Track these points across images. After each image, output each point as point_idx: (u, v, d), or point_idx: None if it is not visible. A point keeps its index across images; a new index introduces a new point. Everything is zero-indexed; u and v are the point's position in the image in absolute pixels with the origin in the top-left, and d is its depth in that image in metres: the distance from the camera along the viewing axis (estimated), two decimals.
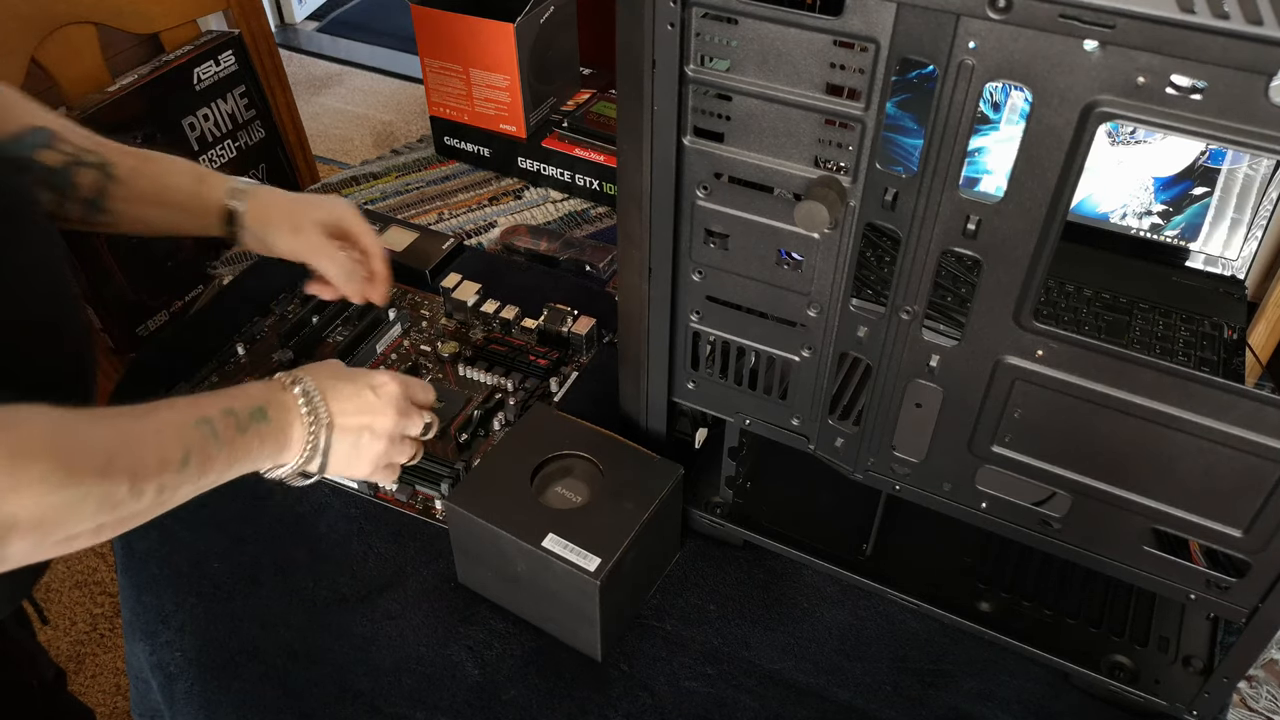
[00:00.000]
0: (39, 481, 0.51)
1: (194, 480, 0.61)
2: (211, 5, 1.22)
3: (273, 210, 0.82)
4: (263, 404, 0.66)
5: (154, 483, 0.58)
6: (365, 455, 0.72)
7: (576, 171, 1.20)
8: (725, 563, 0.79)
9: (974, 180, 1.00)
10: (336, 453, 0.71)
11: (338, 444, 0.71)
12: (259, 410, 0.66)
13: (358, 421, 0.71)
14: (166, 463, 0.59)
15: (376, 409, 0.72)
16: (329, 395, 0.70)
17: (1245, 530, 0.57)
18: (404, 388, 0.75)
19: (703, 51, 0.56)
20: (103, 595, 1.53)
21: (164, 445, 0.59)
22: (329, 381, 0.71)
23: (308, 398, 0.69)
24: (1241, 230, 0.95)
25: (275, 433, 0.67)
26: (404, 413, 0.74)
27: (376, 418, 0.72)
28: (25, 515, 0.51)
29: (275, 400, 0.67)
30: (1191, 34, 0.42)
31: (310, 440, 0.69)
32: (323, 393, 0.70)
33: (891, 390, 0.63)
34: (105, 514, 0.55)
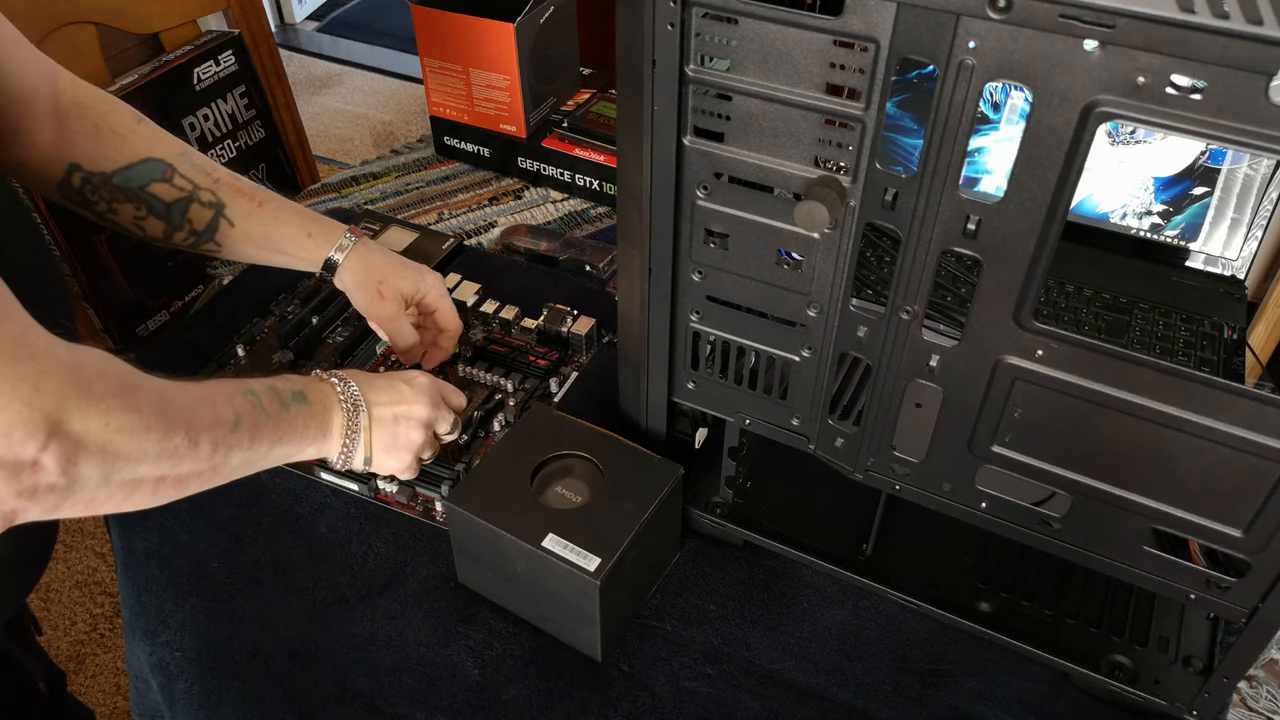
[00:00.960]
0: (100, 402, 0.51)
1: (245, 446, 0.61)
2: (211, 5, 1.23)
3: (365, 271, 0.84)
4: (302, 389, 0.67)
5: (208, 437, 0.58)
6: (404, 444, 0.73)
7: (576, 171, 1.20)
8: (725, 563, 0.79)
9: (974, 180, 1.00)
10: (378, 441, 0.71)
11: (378, 433, 0.71)
12: (299, 393, 0.67)
13: (394, 411, 0.72)
14: (220, 421, 0.59)
15: (411, 399, 0.73)
16: (365, 387, 0.71)
17: (1245, 530, 0.57)
18: (435, 383, 0.76)
19: (703, 51, 0.56)
20: (103, 595, 1.53)
21: (215, 405, 0.60)
22: (363, 377, 0.72)
23: (345, 386, 0.70)
24: (1241, 230, 0.95)
25: (317, 415, 0.67)
26: (436, 405, 0.75)
27: (413, 406, 0.73)
28: (92, 436, 0.51)
29: (314, 387, 0.69)
30: (1191, 34, 0.42)
31: (351, 429, 0.69)
32: (359, 385, 0.71)
33: (891, 390, 0.63)
34: (165, 460, 0.56)
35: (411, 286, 0.85)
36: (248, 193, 0.81)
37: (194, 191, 0.78)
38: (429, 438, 0.75)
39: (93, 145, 0.74)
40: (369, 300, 0.84)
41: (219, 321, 1.00)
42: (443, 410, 0.76)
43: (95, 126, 0.74)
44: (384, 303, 0.84)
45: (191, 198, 0.78)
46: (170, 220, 0.78)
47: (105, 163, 0.74)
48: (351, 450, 0.70)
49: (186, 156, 0.78)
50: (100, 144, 0.74)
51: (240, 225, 0.80)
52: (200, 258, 1.17)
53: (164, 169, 0.76)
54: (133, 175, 0.75)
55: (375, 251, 0.85)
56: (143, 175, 0.75)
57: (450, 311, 0.88)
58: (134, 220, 0.77)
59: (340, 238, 0.84)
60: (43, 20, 1.05)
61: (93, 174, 0.74)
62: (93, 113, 0.75)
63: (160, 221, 0.77)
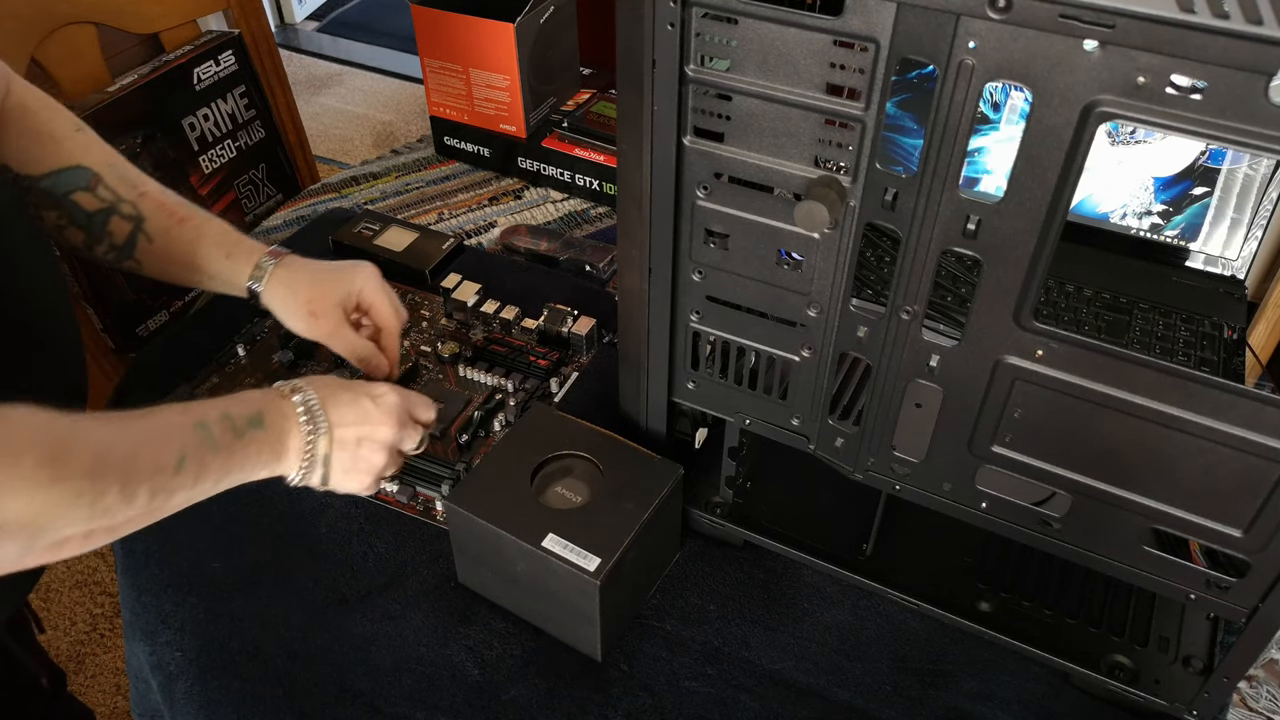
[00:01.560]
0: (27, 479, 0.50)
1: (188, 486, 0.60)
2: (211, 5, 1.22)
3: (290, 295, 0.80)
4: (260, 410, 0.65)
5: (146, 486, 0.57)
6: (364, 466, 0.71)
7: (576, 171, 1.20)
8: (725, 563, 0.79)
9: (974, 180, 1.00)
10: (336, 463, 0.70)
11: (337, 454, 0.69)
12: (256, 416, 0.65)
13: (356, 433, 0.70)
14: (160, 466, 0.58)
15: (375, 419, 0.70)
16: (328, 404, 0.69)
17: (1245, 530, 0.57)
18: (404, 400, 0.73)
19: (703, 51, 0.56)
20: (103, 595, 1.53)
21: (158, 448, 0.58)
22: (328, 390, 0.70)
23: (306, 406, 0.68)
24: (1241, 230, 0.95)
25: (272, 440, 0.65)
26: (403, 424, 0.72)
27: (376, 428, 0.70)
28: (13, 515, 0.50)
29: (272, 407, 0.66)
30: (1191, 34, 0.42)
31: (308, 450, 0.68)
32: (322, 401, 0.68)
33: (891, 390, 0.63)
34: (96, 519, 0.54)
35: (343, 292, 0.81)
36: (170, 208, 0.78)
37: (116, 203, 0.76)
38: (392, 456, 0.73)
39: (26, 147, 0.72)
40: (304, 323, 0.80)
41: (219, 321, 1.00)
42: (409, 429, 0.73)
43: (34, 130, 0.73)
44: (320, 321, 0.80)
45: (113, 209, 0.75)
46: (90, 231, 0.75)
47: (35, 166, 0.73)
48: (309, 472, 0.68)
49: (116, 168, 0.76)
50: (34, 147, 0.73)
51: (159, 241, 0.77)
52: None
53: (89, 177, 0.74)
54: (59, 181, 0.73)
55: (296, 270, 0.81)
56: (68, 182, 0.74)
57: (386, 309, 0.82)
58: (57, 228, 0.75)
59: (259, 258, 0.80)
60: (43, 20, 1.05)
61: (21, 176, 0.72)
62: (35, 117, 0.74)
63: (80, 231, 0.75)
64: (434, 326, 0.99)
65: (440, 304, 1.01)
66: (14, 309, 0.67)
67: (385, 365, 0.83)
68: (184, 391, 0.91)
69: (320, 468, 0.69)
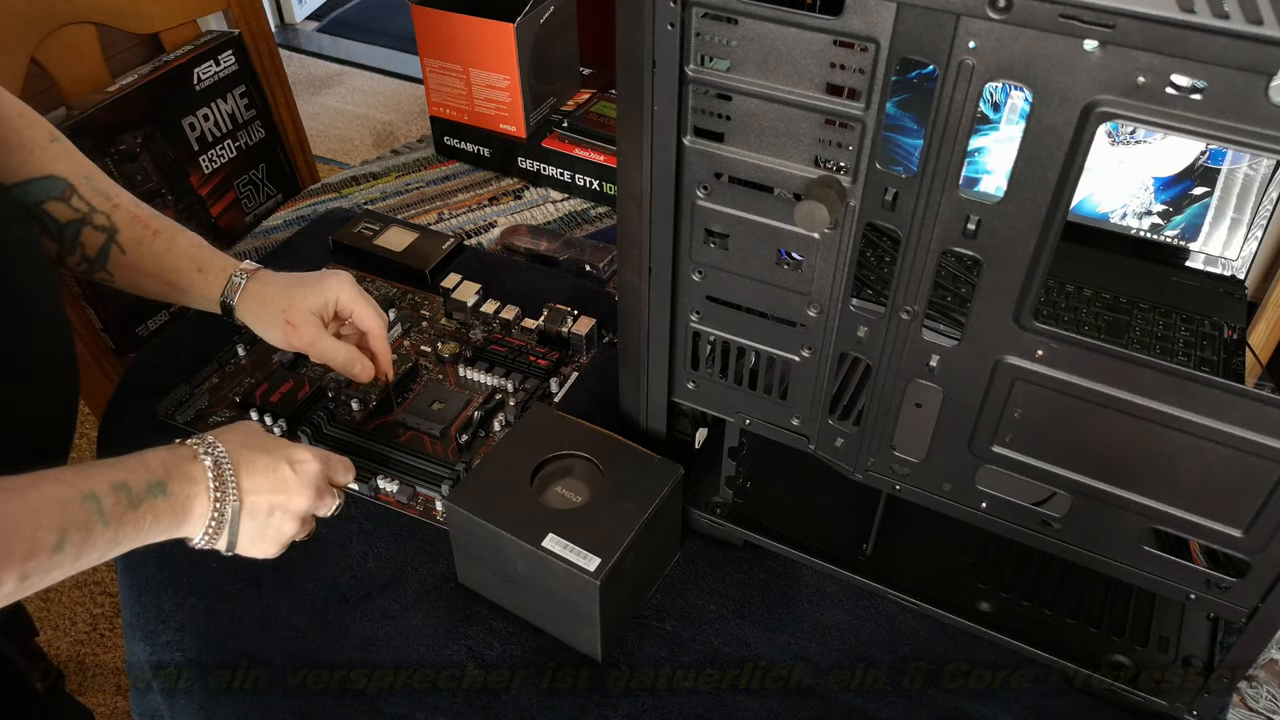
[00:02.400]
0: None
1: (69, 564, 0.56)
2: (211, 5, 1.22)
3: (264, 307, 0.79)
4: (163, 477, 0.61)
5: (18, 570, 0.53)
6: (272, 536, 0.67)
7: (576, 171, 1.20)
8: (725, 563, 0.79)
9: (974, 180, 1.00)
10: (244, 531, 0.66)
11: (247, 524, 0.65)
12: (158, 484, 0.60)
13: (270, 501, 0.66)
14: (38, 547, 0.53)
15: (293, 488, 0.67)
16: (242, 468, 0.65)
17: (1245, 530, 0.57)
18: (325, 466, 0.70)
19: (703, 51, 0.56)
20: (103, 595, 1.53)
21: (39, 527, 0.54)
22: (245, 453, 0.65)
23: (218, 469, 0.64)
24: (1241, 230, 0.95)
25: (174, 508, 0.61)
26: (320, 493, 0.69)
27: (292, 497, 0.67)
28: None
29: (180, 471, 0.62)
30: (1191, 34, 0.42)
31: (215, 517, 0.63)
32: (235, 464, 0.64)
33: (891, 390, 0.63)
34: None
35: (319, 301, 0.79)
36: (144, 220, 0.77)
37: (89, 214, 0.75)
38: (304, 524, 0.69)
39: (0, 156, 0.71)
40: (281, 334, 0.79)
41: (219, 321, 0.99)
42: (326, 496, 0.70)
43: (6, 138, 0.72)
44: (297, 330, 0.79)
45: (85, 220, 0.75)
46: (63, 242, 0.75)
47: (6, 174, 0.72)
48: (214, 538, 0.64)
49: (91, 181, 0.75)
50: (7, 156, 0.72)
51: (131, 253, 0.77)
52: None
53: (63, 188, 0.73)
54: (31, 190, 0.72)
55: (269, 283, 0.80)
56: (40, 191, 0.73)
57: (368, 311, 0.81)
58: None
59: (231, 275, 0.80)
60: (43, 20, 1.05)
61: None
62: (9, 125, 0.72)
63: (53, 242, 0.74)
64: (434, 326, 0.99)
65: (440, 304, 1.01)
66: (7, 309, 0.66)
67: (370, 370, 0.82)
68: (184, 391, 0.91)
69: (227, 535, 0.65)
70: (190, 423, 0.89)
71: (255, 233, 1.20)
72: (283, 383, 0.90)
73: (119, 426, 0.90)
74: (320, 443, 0.85)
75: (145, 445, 0.87)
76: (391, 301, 1.01)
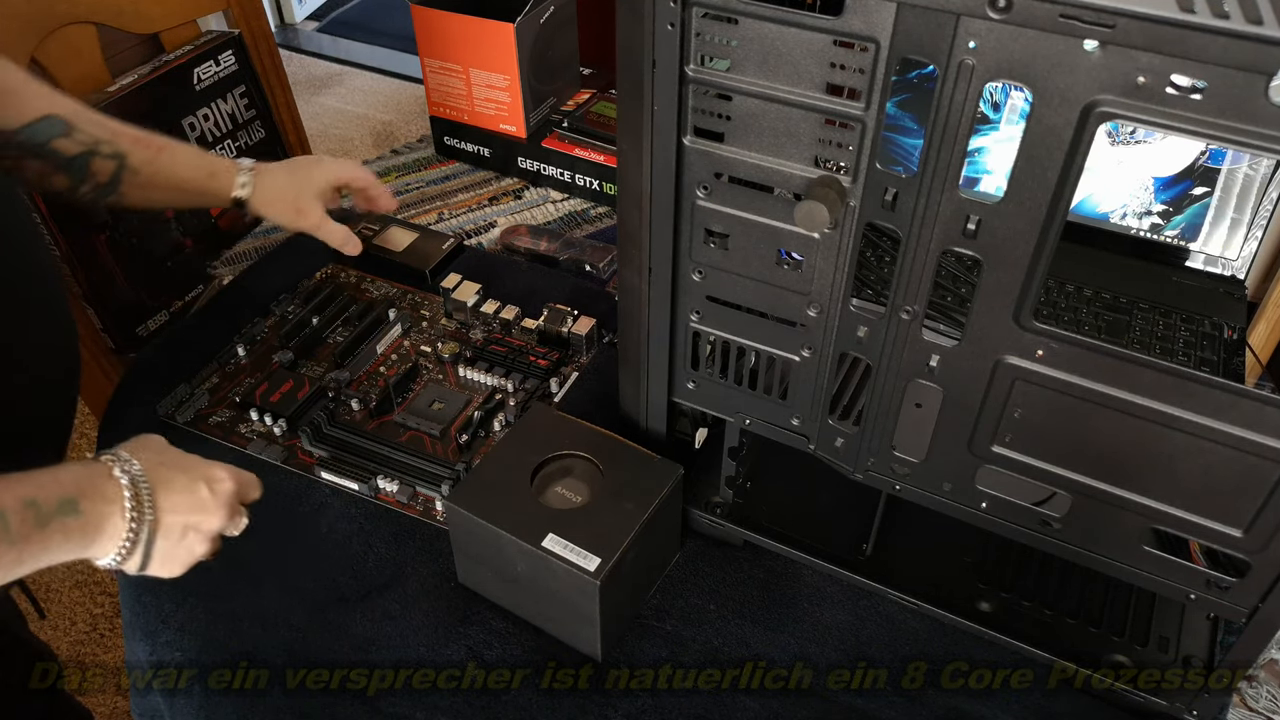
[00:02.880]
0: None
1: None
2: (211, 5, 1.22)
3: (274, 196, 0.90)
4: (75, 495, 0.59)
5: None
6: (183, 556, 0.66)
7: (576, 171, 1.20)
8: (725, 563, 0.79)
9: (974, 180, 1.00)
10: (158, 553, 0.64)
11: (161, 543, 0.63)
12: (69, 502, 0.58)
13: (185, 521, 0.64)
14: None
15: (209, 508, 0.65)
16: (159, 488, 0.63)
17: (1245, 530, 0.57)
18: (238, 486, 0.68)
19: (703, 51, 0.56)
20: (103, 595, 1.53)
21: None
22: (161, 471, 0.64)
23: (134, 489, 0.61)
24: (1241, 230, 0.95)
25: (85, 527, 0.59)
26: (233, 513, 0.68)
27: (207, 518, 0.65)
28: None
29: (94, 489, 0.60)
30: (1191, 34, 0.42)
31: (129, 536, 0.61)
32: (153, 484, 0.62)
33: (891, 390, 0.63)
34: None
35: (321, 184, 0.92)
36: (145, 140, 0.83)
37: (95, 145, 0.79)
38: (214, 544, 0.68)
39: None
40: (292, 220, 0.92)
41: (219, 321, 1.00)
42: (237, 516, 0.68)
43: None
44: (307, 215, 0.92)
45: (93, 151, 0.79)
46: (72, 173, 0.78)
47: (7, 121, 0.75)
48: (125, 558, 0.62)
49: (81, 113, 0.79)
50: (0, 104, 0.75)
51: (144, 173, 0.82)
52: (198, 256, 1.17)
53: (64, 125, 0.77)
54: (35, 132, 0.76)
55: (275, 178, 0.90)
56: (44, 132, 0.76)
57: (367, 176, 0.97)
58: (39, 176, 0.78)
59: (237, 175, 0.88)
60: (43, 20, 1.05)
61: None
62: None
63: (64, 175, 0.78)
64: (434, 326, 0.99)
65: (440, 304, 1.01)
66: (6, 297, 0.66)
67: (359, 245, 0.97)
68: (184, 391, 0.91)
69: (140, 555, 0.63)
70: (190, 423, 0.89)
71: (255, 233, 1.20)
72: (283, 383, 0.90)
73: (119, 426, 0.90)
74: (321, 443, 0.85)
75: None
76: (391, 301, 1.01)
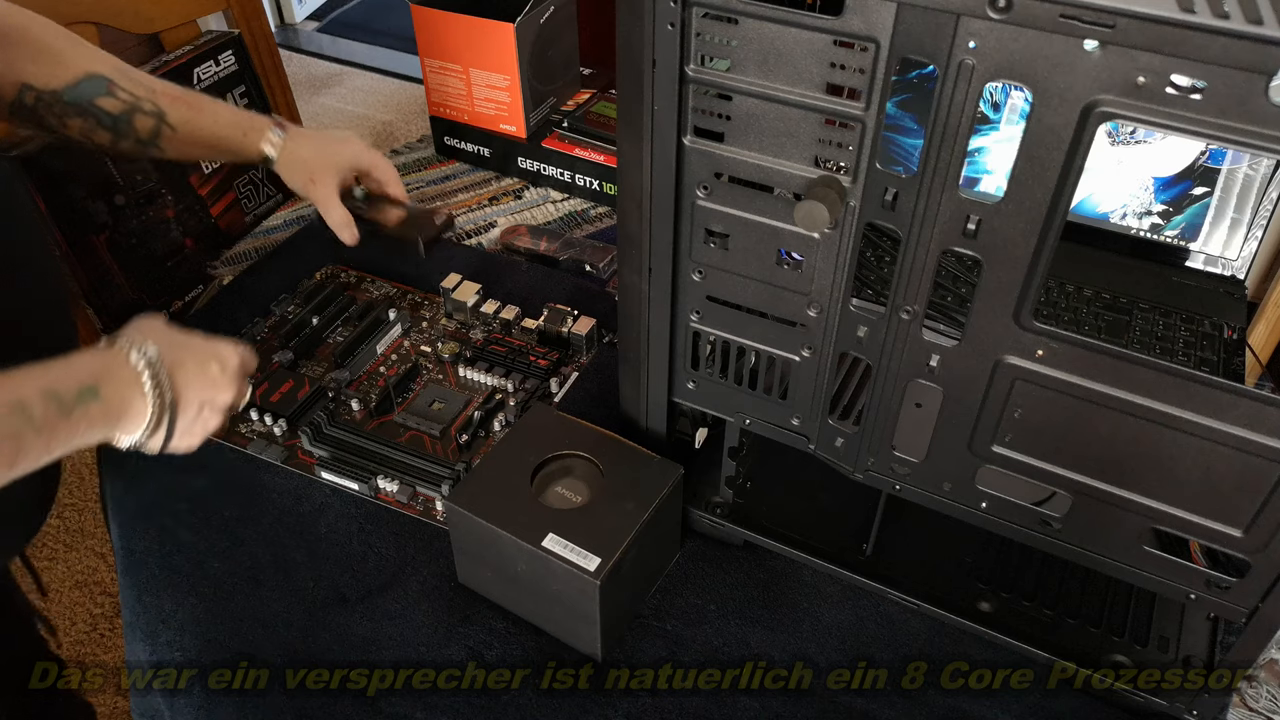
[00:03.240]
0: None
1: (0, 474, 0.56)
2: (211, 5, 1.22)
3: (296, 161, 0.91)
4: (94, 383, 0.60)
5: None
6: (199, 431, 0.69)
7: (576, 171, 1.20)
8: (725, 563, 0.79)
9: (974, 180, 1.00)
10: (178, 429, 0.67)
11: (180, 422, 0.66)
12: (89, 390, 0.60)
13: (200, 398, 0.67)
14: None
15: (220, 385, 0.69)
16: (176, 368, 0.65)
17: (1245, 530, 0.57)
18: (243, 361, 0.72)
19: (703, 51, 0.56)
20: (103, 595, 1.53)
21: None
22: (173, 351, 0.66)
23: (152, 372, 0.64)
24: (1241, 230, 0.95)
25: (108, 412, 0.61)
26: (243, 388, 0.72)
27: (220, 394, 0.69)
28: None
29: (111, 375, 0.62)
30: (1191, 34, 0.42)
31: (153, 416, 0.64)
32: (168, 365, 0.65)
33: (891, 390, 0.63)
34: None
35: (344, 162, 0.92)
36: (184, 99, 0.85)
37: (137, 103, 0.81)
38: (225, 417, 0.71)
39: (39, 66, 0.77)
40: (303, 187, 0.92)
41: (219, 321, 1.00)
42: (244, 389, 0.72)
43: (36, 48, 0.77)
44: (318, 186, 0.91)
45: (135, 108, 0.81)
46: (116, 130, 0.81)
47: (53, 80, 0.77)
48: (148, 437, 0.65)
49: (122, 71, 0.82)
50: (45, 64, 0.77)
51: (182, 130, 0.84)
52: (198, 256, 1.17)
53: (106, 84, 0.80)
54: (80, 92, 0.78)
55: (302, 143, 0.91)
56: (89, 91, 0.79)
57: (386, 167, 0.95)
58: (81, 132, 0.80)
59: (269, 133, 0.89)
60: None
61: (44, 92, 0.77)
62: (31, 34, 0.77)
63: (107, 132, 0.81)
64: (434, 326, 0.99)
65: (440, 304, 1.01)
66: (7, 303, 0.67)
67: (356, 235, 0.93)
68: None
69: (162, 434, 0.65)
70: None
71: (255, 233, 1.20)
72: (283, 383, 0.90)
73: None
74: (321, 443, 0.85)
75: None
76: (392, 301, 1.01)
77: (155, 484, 0.85)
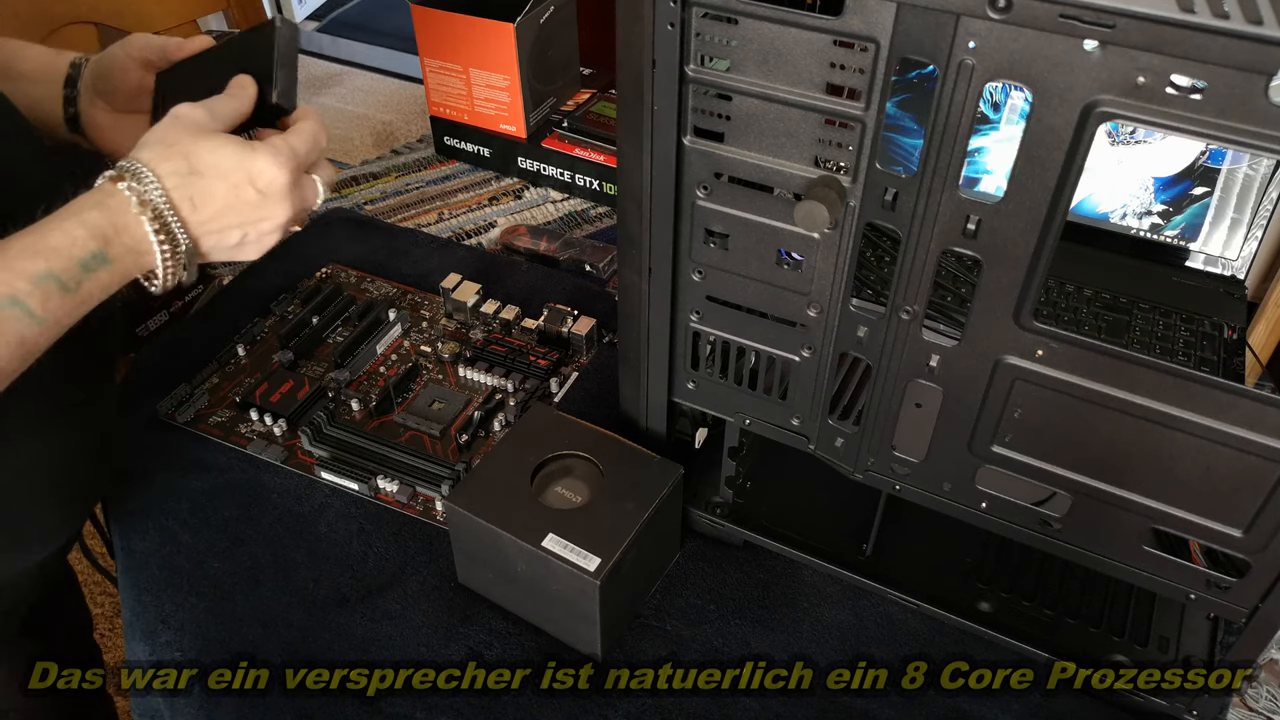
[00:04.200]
0: None
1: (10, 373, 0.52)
2: (211, 5, 1.23)
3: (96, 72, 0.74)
4: (98, 246, 0.54)
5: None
6: (254, 247, 0.62)
7: (576, 171, 1.20)
8: (725, 563, 0.79)
9: (974, 180, 1.00)
10: (217, 256, 0.60)
11: (215, 254, 0.60)
12: (95, 256, 0.54)
13: (239, 234, 0.60)
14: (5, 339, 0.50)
15: (262, 209, 0.60)
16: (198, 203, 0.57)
17: (1245, 530, 0.57)
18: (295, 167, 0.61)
19: (703, 51, 0.56)
20: (103, 595, 1.53)
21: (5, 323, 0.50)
22: (193, 183, 0.57)
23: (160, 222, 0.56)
24: (1241, 230, 0.95)
25: (122, 271, 0.56)
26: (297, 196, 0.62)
27: (263, 219, 0.60)
28: None
29: (116, 231, 0.55)
30: (1191, 34, 0.42)
31: (169, 266, 0.58)
32: (179, 203, 0.57)
33: (891, 390, 0.63)
34: None
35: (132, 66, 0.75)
36: None
37: None
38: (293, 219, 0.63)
39: None
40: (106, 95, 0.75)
41: (219, 321, 1.00)
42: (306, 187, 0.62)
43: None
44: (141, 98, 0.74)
45: None
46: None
47: None
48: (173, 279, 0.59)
49: None
50: None
51: None
52: None
53: None
54: None
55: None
56: None
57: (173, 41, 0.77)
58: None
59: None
60: (43, 20, 1.05)
61: None
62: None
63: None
64: (434, 326, 0.99)
65: (440, 304, 1.01)
66: None
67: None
68: (184, 391, 0.91)
69: (192, 271, 0.60)
70: (190, 423, 0.89)
71: None
72: (283, 383, 0.90)
73: (119, 426, 0.90)
74: (321, 443, 0.85)
75: (148, 446, 0.87)
76: (391, 301, 1.01)
77: (155, 484, 0.85)
